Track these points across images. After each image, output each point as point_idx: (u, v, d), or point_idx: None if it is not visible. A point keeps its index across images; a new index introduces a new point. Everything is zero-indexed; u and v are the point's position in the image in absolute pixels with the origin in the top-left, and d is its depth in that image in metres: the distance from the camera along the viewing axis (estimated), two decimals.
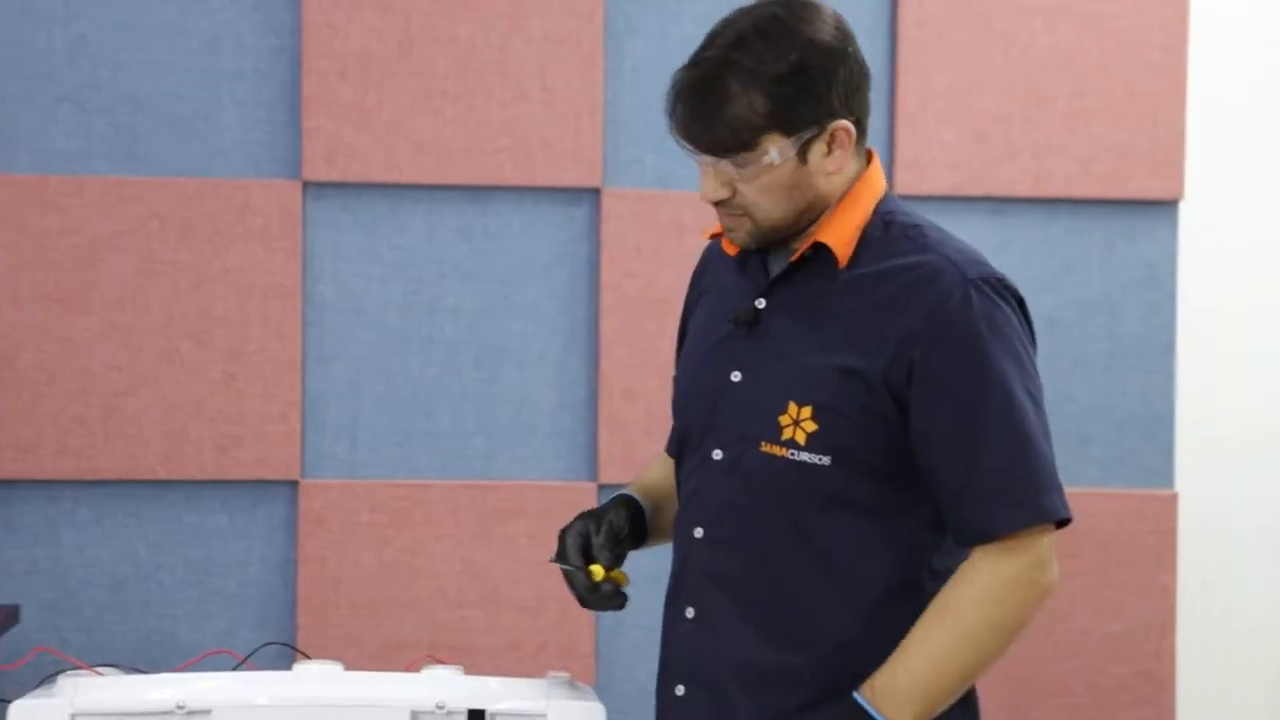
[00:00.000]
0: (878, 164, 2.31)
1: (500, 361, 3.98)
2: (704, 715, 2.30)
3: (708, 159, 2.21)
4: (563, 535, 2.37)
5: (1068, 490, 2.27)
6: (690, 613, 2.31)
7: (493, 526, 3.93)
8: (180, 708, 2.21)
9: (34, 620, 3.83)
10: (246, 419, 3.92)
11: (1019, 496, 2.19)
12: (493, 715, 2.25)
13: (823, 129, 2.21)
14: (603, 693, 3.25)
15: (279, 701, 2.23)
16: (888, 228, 2.26)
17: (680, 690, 2.33)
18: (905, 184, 4.02)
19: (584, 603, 2.34)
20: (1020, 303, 2.25)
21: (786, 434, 2.22)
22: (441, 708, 2.22)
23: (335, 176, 3.93)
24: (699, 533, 2.30)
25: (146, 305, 3.91)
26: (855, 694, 2.19)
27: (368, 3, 3.93)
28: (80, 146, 3.91)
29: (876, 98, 3.97)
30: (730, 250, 2.33)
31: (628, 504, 2.42)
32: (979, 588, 2.18)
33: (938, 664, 2.18)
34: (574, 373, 3.95)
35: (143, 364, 3.91)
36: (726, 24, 2.23)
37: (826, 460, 2.21)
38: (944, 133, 4.03)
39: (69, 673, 2.30)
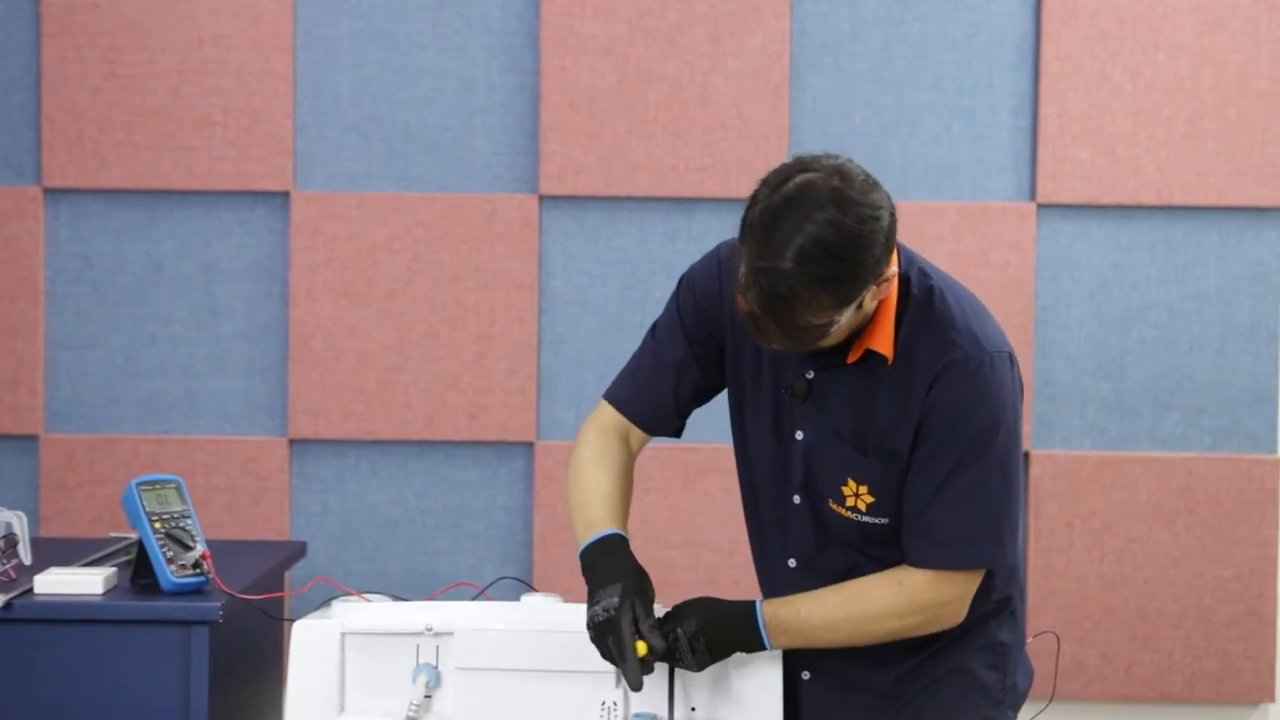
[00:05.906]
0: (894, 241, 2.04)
1: None
2: (830, 692, 2.24)
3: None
4: (619, 630, 2.07)
5: (1186, 455, 2.12)
6: None
7: (694, 482, 3.87)
8: (429, 629, 2.21)
9: (322, 554, 3.87)
10: (493, 390, 3.90)
11: (950, 542, 2.09)
12: None
13: (876, 283, 2.01)
14: None
15: (510, 625, 2.21)
16: (910, 301, 2.09)
17: (806, 675, 2.25)
18: (1046, 194, 3.89)
19: (632, 681, 2.05)
20: (1013, 362, 2.11)
21: (850, 502, 2.15)
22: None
23: (566, 191, 3.90)
24: (792, 563, 2.23)
25: (413, 297, 3.91)
26: (758, 602, 2.13)
27: (594, 47, 3.88)
28: (362, 168, 3.93)
29: (1022, 122, 3.87)
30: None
31: (628, 554, 2.22)
32: (893, 596, 2.11)
33: (824, 622, 2.11)
34: None
35: (410, 345, 3.91)
36: (790, 226, 1.92)
37: (885, 520, 2.15)
38: (1080, 150, 3.89)
39: (342, 598, 2.32)
